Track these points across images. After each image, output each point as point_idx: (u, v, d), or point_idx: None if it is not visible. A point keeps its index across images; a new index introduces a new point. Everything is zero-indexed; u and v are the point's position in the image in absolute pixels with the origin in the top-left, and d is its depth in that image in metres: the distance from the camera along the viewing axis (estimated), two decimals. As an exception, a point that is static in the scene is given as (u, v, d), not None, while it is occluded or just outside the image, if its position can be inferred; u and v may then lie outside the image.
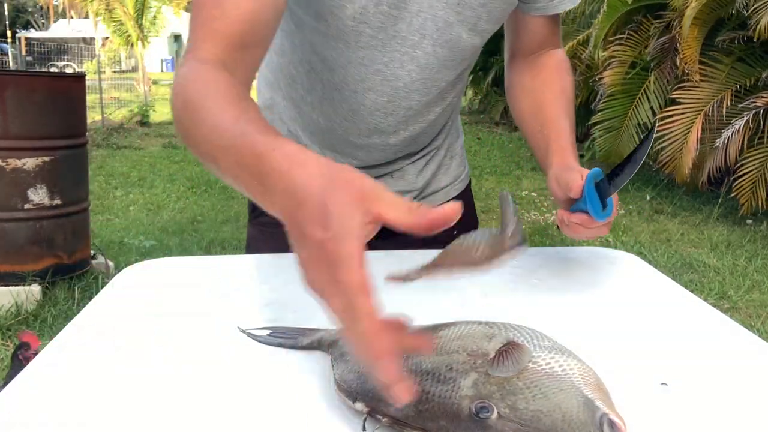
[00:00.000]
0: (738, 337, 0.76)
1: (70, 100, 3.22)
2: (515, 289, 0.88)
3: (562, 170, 0.89)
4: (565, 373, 0.52)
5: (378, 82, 0.95)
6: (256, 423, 0.57)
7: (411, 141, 1.08)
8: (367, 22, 0.88)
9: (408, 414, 0.52)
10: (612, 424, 0.48)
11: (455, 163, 1.21)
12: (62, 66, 18.72)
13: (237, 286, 0.91)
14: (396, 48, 0.92)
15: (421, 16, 0.90)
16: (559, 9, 1.02)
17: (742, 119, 4.59)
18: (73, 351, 0.70)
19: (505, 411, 0.49)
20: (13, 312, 2.96)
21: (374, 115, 1.00)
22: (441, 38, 0.93)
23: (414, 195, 1.16)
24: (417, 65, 0.95)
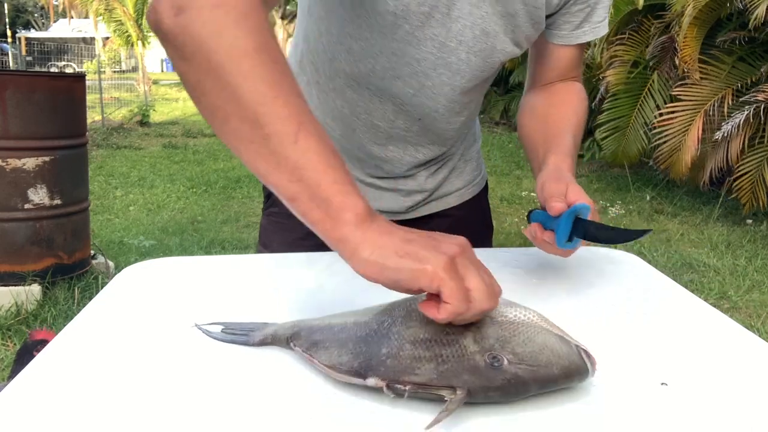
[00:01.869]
0: (738, 337, 0.76)
1: (70, 100, 3.22)
2: (515, 289, 0.88)
3: (551, 176, 0.86)
4: (530, 320, 0.62)
5: (407, 73, 0.95)
6: (257, 421, 0.57)
7: (433, 137, 1.07)
8: (407, 18, 0.88)
9: (431, 377, 0.57)
10: (586, 351, 0.59)
11: (470, 167, 1.21)
12: (62, 66, 18.73)
13: (237, 286, 0.91)
14: (431, 50, 0.92)
15: (460, 22, 0.90)
16: (581, 39, 1.01)
17: (743, 113, 4.58)
18: (73, 351, 0.70)
19: (510, 357, 0.57)
20: (13, 312, 2.96)
21: (399, 101, 0.99)
22: (476, 46, 0.93)
23: (425, 196, 1.16)
24: (449, 70, 0.95)
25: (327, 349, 0.64)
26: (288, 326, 0.70)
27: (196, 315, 0.78)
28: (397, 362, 0.58)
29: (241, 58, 0.61)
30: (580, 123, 1.02)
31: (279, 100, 0.60)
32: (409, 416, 0.57)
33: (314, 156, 0.60)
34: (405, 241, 0.58)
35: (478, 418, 0.57)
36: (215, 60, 0.61)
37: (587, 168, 7.14)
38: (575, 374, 0.59)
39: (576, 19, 0.98)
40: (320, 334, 0.66)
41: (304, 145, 0.59)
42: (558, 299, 0.86)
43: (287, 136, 0.60)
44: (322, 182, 0.59)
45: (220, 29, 0.62)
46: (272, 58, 0.62)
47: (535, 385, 0.57)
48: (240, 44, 0.61)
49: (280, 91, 0.61)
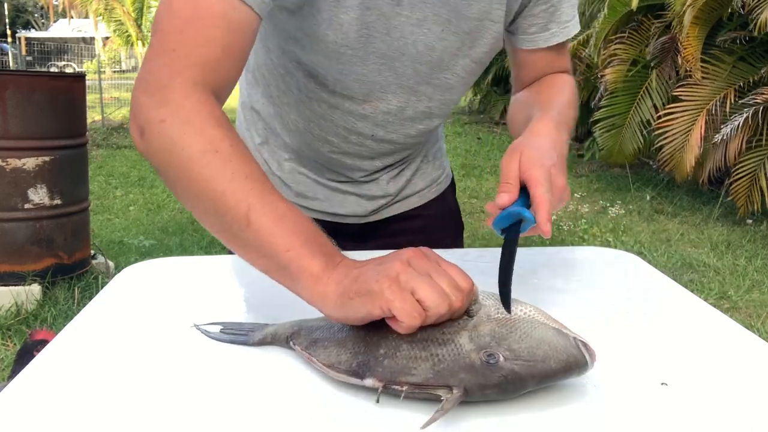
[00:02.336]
0: (738, 337, 0.76)
1: (70, 100, 3.21)
2: (514, 289, 0.88)
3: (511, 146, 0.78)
4: (527, 315, 0.62)
5: (356, 88, 0.94)
6: (256, 420, 0.57)
7: (389, 145, 1.06)
8: (348, 45, 0.87)
9: (427, 377, 0.57)
10: (583, 342, 0.59)
11: (432, 167, 1.20)
12: (62, 66, 18.73)
13: (237, 286, 0.91)
14: (374, 63, 0.92)
15: (401, 41, 0.89)
16: (551, 42, 0.97)
17: (742, 116, 4.58)
18: (73, 351, 0.70)
19: (506, 353, 0.58)
20: (13, 312, 2.96)
21: (352, 113, 0.99)
22: (421, 58, 0.92)
23: (388, 200, 1.15)
24: (395, 74, 0.94)
25: (326, 348, 0.64)
26: (288, 325, 0.71)
27: (196, 315, 0.78)
28: (393, 362, 0.59)
29: (189, 165, 0.68)
30: (569, 100, 0.96)
31: (227, 193, 0.67)
32: (408, 415, 0.57)
33: (265, 233, 0.66)
34: (353, 280, 0.62)
35: (476, 419, 0.57)
36: (171, 173, 0.70)
37: (587, 168, 7.14)
38: (574, 367, 0.58)
39: (540, 21, 0.95)
40: (320, 333, 0.67)
41: (256, 225, 0.66)
42: (557, 299, 0.86)
43: (239, 222, 0.66)
44: (278, 253, 0.66)
45: (168, 144, 0.69)
46: (217, 154, 0.68)
47: (532, 381, 0.57)
48: (185, 154, 0.68)
49: (228, 183, 0.67)
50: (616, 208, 5.48)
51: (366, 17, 0.85)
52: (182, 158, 0.68)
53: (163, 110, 0.70)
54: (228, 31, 0.73)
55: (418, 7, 0.87)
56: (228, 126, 0.71)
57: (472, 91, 12.67)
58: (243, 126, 1.15)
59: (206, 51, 0.73)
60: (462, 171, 7.13)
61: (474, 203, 5.65)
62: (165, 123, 0.70)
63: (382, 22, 0.87)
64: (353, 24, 0.85)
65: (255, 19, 0.76)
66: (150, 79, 0.72)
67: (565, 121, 0.88)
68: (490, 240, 4.20)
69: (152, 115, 0.71)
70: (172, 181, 0.71)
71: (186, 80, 0.71)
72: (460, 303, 0.60)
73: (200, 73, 0.72)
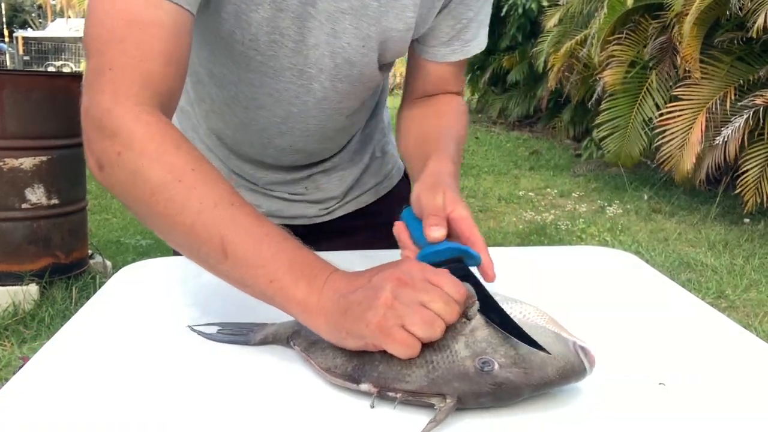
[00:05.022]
0: (735, 336, 0.77)
1: (68, 100, 3.20)
2: (512, 288, 0.88)
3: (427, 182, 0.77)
4: (526, 317, 0.61)
5: (270, 102, 0.91)
6: (255, 420, 0.57)
7: (311, 155, 1.04)
8: (258, 50, 0.83)
9: (421, 385, 0.56)
10: (582, 348, 0.58)
11: (382, 163, 1.17)
12: (59, 65, 18.69)
13: (235, 285, 0.91)
14: (290, 79, 0.87)
15: (318, 50, 0.85)
16: (449, 58, 0.94)
17: (742, 117, 4.59)
18: (70, 351, 0.70)
19: (502, 360, 0.57)
20: (11, 312, 2.96)
21: (267, 132, 0.96)
22: (340, 74, 0.88)
23: (335, 202, 1.13)
24: (313, 97, 0.90)
25: (323, 351, 0.64)
26: (289, 325, 0.70)
27: (194, 314, 0.78)
28: (389, 368, 0.58)
29: (154, 199, 0.64)
30: (461, 133, 0.94)
31: (196, 226, 0.63)
32: (403, 420, 0.57)
33: (244, 265, 0.63)
34: (342, 314, 0.60)
35: (472, 419, 0.57)
36: (137, 207, 0.67)
37: (585, 167, 7.14)
38: (571, 375, 0.58)
39: (445, 36, 0.92)
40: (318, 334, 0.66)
41: (233, 257, 0.63)
42: (554, 299, 0.86)
43: (216, 255, 0.64)
44: (261, 285, 0.64)
45: (129, 177, 0.65)
46: (180, 183, 0.64)
47: (528, 388, 0.57)
48: (147, 187, 0.64)
49: (196, 215, 0.63)
50: (613, 208, 5.48)
51: (277, 20, 0.80)
52: (145, 191, 0.65)
53: (115, 142, 0.65)
54: (164, 39, 0.68)
55: (334, 16, 0.82)
56: (186, 146, 0.67)
57: (470, 91, 12.67)
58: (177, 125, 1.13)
59: (145, 65, 0.67)
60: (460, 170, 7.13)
61: (471, 202, 5.65)
62: (121, 156, 0.65)
63: (296, 26, 0.81)
64: (263, 24, 0.80)
65: (188, 17, 0.71)
66: (94, 110, 0.67)
67: (460, 155, 0.89)
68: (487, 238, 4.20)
69: (106, 149, 0.66)
70: (141, 216, 0.68)
71: (130, 102, 0.66)
72: (455, 316, 0.59)
73: (143, 90, 0.67)
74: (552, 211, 5.46)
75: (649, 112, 5.73)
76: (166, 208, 0.64)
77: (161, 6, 0.68)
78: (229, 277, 0.66)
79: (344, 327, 0.60)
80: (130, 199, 0.67)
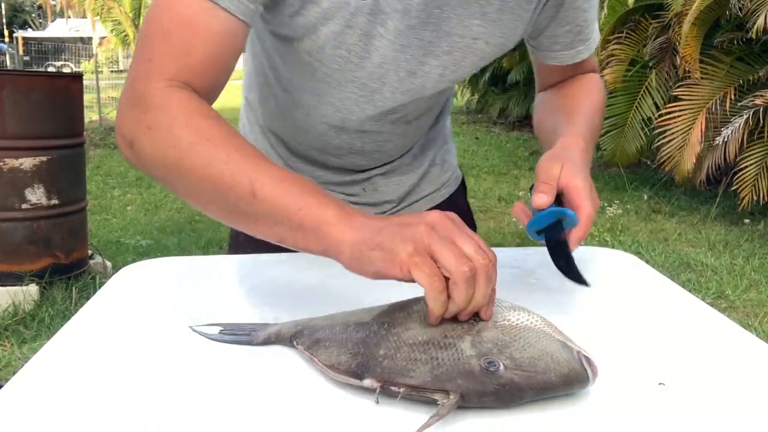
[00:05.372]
0: (735, 337, 0.77)
1: (68, 100, 3.21)
2: (513, 288, 0.88)
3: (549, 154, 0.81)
4: (533, 324, 0.61)
5: (331, 111, 0.93)
6: (256, 419, 0.57)
7: (370, 158, 1.05)
8: (323, 61, 0.84)
9: (425, 380, 0.57)
10: (588, 358, 0.58)
11: (440, 170, 1.17)
12: (59, 66, 18.69)
13: (235, 286, 0.91)
14: (353, 90, 0.88)
15: (383, 67, 0.85)
16: (576, 59, 0.96)
17: (742, 118, 4.59)
18: (70, 351, 0.70)
19: (507, 362, 0.57)
20: (11, 312, 2.96)
21: (326, 136, 0.98)
22: (402, 86, 0.89)
23: (392, 205, 1.13)
24: (374, 107, 0.91)
25: (327, 349, 0.64)
26: (291, 325, 0.71)
27: (194, 315, 0.78)
28: (393, 364, 0.58)
29: (183, 160, 0.68)
30: (595, 105, 0.96)
31: (225, 174, 0.66)
32: (407, 417, 0.57)
33: (273, 200, 0.65)
34: (375, 231, 0.61)
35: (472, 418, 0.57)
36: (168, 174, 0.70)
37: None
38: (574, 382, 0.58)
39: (565, 40, 0.94)
40: (322, 333, 0.67)
41: (261, 196, 0.65)
42: (555, 299, 0.86)
43: (245, 198, 0.66)
44: (290, 215, 0.65)
45: (159, 147, 0.69)
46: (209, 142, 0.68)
47: (531, 392, 0.57)
48: (176, 152, 0.68)
49: (224, 165, 0.67)
50: (613, 208, 5.48)
51: (345, 36, 0.81)
52: (175, 156, 0.68)
53: (147, 117, 0.70)
54: (210, 42, 0.72)
55: (404, 33, 0.82)
56: (216, 117, 0.70)
57: (470, 91, 12.68)
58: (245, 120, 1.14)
59: (186, 60, 0.72)
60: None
61: (471, 203, 5.64)
62: (151, 129, 0.69)
63: (363, 43, 0.82)
64: (330, 38, 0.81)
65: (239, 27, 0.74)
66: (131, 91, 0.72)
67: (593, 133, 0.90)
68: (487, 238, 4.20)
69: (138, 125, 0.71)
70: (171, 181, 0.71)
71: (165, 83, 0.71)
72: (486, 264, 0.58)
73: (179, 75, 0.71)
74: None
75: (648, 112, 5.74)
76: (195, 163, 0.67)
77: (215, 13, 0.71)
78: (259, 219, 0.67)
79: (375, 240, 0.60)
80: (161, 168, 0.70)
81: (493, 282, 0.61)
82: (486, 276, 0.59)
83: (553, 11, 0.90)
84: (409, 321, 0.62)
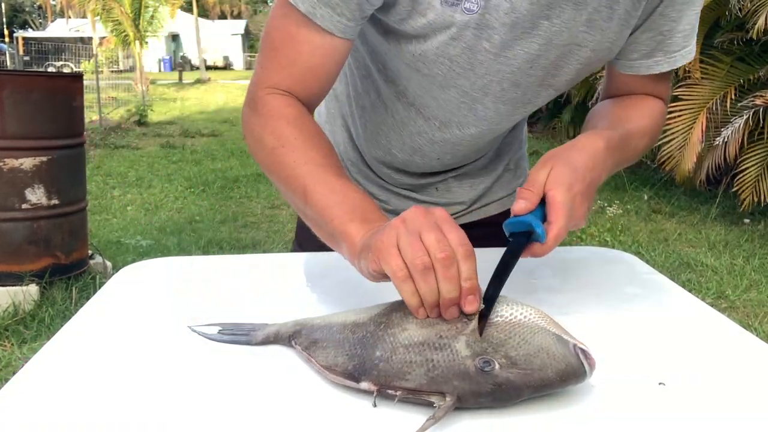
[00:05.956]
0: (735, 337, 0.77)
1: (68, 100, 3.21)
2: (512, 288, 0.88)
3: (548, 155, 0.77)
4: (528, 319, 0.61)
5: (434, 106, 0.93)
6: (252, 419, 0.57)
7: (451, 165, 1.06)
8: (425, 64, 0.85)
9: (421, 383, 0.57)
10: (584, 351, 0.58)
11: (513, 176, 1.16)
12: (60, 66, 18.69)
13: (235, 286, 0.91)
14: (454, 96, 0.89)
15: (486, 78, 0.86)
16: (653, 70, 0.90)
17: (742, 118, 4.59)
18: (70, 351, 0.70)
19: (502, 361, 0.57)
20: (11, 312, 2.96)
21: (422, 137, 0.98)
22: (504, 96, 0.89)
23: (464, 207, 1.13)
24: (474, 115, 0.92)
25: (324, 349, 0.64)
26: (290, 324, 0.71)
27: (194, 315, 0.78)
28: (389, 366, 0.58)
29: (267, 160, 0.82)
30: (643, 129, 0.90)
31: (290, 180, 0.79)
32: (404, 418, 0.57)
33: (318, 208, 0.75)
34: (370, 236, 0.67)
35: (470, 419, 0.57)
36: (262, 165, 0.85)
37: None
38: (571, 377, 0.58)
39: (645, 48, 0.88)
40: (320, 333, 0.67)
41: (311, 202, 0.76)
42: (555, 299, 0.86)
43: (302, 201, 0.77)
44: (327, 223, 0.74)
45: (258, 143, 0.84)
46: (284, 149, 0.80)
47: (528, 390, 0.57)
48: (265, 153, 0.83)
49: (291, 171, 0.79)
50: (613, 208, 5.48)
51: (448, 48, 0.82)
52: (264, 154, 0.82)
53: (252, 118, 0.85)
54: (311, 55, 0.82)
55: (509, 45, 0.82)
56: (299, 124, 0.81)
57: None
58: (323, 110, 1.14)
59: (288, 71, 0.83)
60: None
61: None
62: (253, 131, 0.85)
63: (467, 56, 0.83)
64: (433, 46, 0.81)
65: (341, 44, 0.81)
66: (248, 93, 0.87)
67: (622, 147, 0.84)
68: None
69: (247, 123, 0.86)
70: (263, 170, 0.85)
71: (269, 89, 0.83)
72: (443, 257, 0.59)
73: (283, 83, 0.83)
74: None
75: (649, 111, 5.73)
76: (272, 164, 0.82)
77: (315, 30, 0.80)
78: (308, 219, 0.79)
79: (367, 244, 0.66)
80: (258, 159, 0.84)
81: (467, 273, 0.60)
82: (444, 268, 0.59)
83: (645, 16, 0.86)
84: (406, 321, 0.62)
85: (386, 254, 0.61)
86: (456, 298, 0.60)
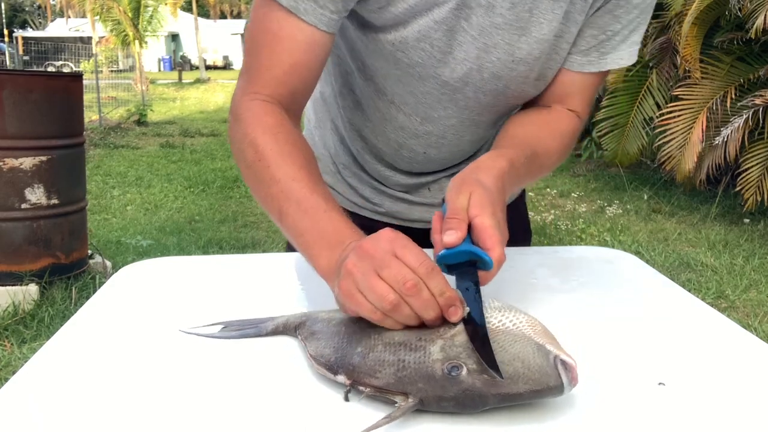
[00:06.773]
0: (735, 337, 0.77)
1: (68, 100, 3.21)
2: (512, 288, 0.88)
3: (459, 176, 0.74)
4: (515, 326, 0.60)
5: (413, 102, 0.93)
6: (257, 415, 0.57)
7: (441, 163, 1.05)
8: (405, 52, 0.85)
9: (388, 382, 0.57)
10: (564, 363, 0.56)
11: None
12: (59, 65, 18.69)
13: (235, 285, 0.91)
14: (434, 86, 0.89)
15: (466, 65, 0.85)
16: (585, 69, 0.90)
17: (742, 117, 4.59)
18: (70, 351, 0.70)
19: (472, 367, 0.56)
20: (11, 312, 2.96)
21: (405, 131, 0.98)
22: (485, 87, 0.88)
23: None
24: (455, 106, 0.91)
25: (318, 341, 0.66)
26: (298, 316, 0.73)
27: (193, 315, 0.78)
28: (363, 363, 0.59)
29: (246, 171, 0.81)
30: (547, 149, 0.89)
31: (267, 197, 0.78)
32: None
33: (291, 229, 0.75)
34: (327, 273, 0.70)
35: (469, 420, 0.57)
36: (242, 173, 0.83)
37: (585, 167, 7.15)
38: (545, 390, 0.55)
39: (584, 45, 0.88)
40: (319, 325, 0.69)
41: (286, 226, 0.76)
42: (555, 298, 0.86)
43: (278, 221, 0.77)
44: (299, 245, 0.75)
45: (239, 152, 0.82)
46: (260, 163, 0.78)
47: (494, 399, 0.55)
48: (244, 163, 0.81)
49: (267, 189, 0.77)
50: (613, 208, 5.48)
51: (429, 30, 0.82)
52: (244, 166, 0.81)
53: (235, 126, 0.83)
54: (294, 51, 0.80)
55: (488, 31, 0.82)
56: (274, 130, 0.79)
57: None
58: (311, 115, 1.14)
59: (272, 72, 0.82)
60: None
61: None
62: (235, 137, 0.83)
63: (447, 38, 0.83)
64: (414, 30, 0.82)
65: (324, 38, 0.81)
66: (232, 100, 0.86)
67: (528, 166, 0.83)
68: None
69: (230, 131, 0.85)
70: (243, 178, 0.84)
71: (250, 96, 0.82)
72: (410, 287, 0.58)
73: (265, 89, 0.82)
74: (552, 211, 5.47)
75: (649, 111, 5.73)
76: (251, 182, 0.81)
77: (299, 26, 0.79)
78: (286, 233, 0.78)
79: (336, 272, 0.66)
80: (242, 173, 0.83)
81: (438, 289, 0.59)
82: (414, 297, 0.59)
83: (594, 10, 0.86)
84: None
85: (352, 303, 0.62)
86: (438, 315, 0.60)
